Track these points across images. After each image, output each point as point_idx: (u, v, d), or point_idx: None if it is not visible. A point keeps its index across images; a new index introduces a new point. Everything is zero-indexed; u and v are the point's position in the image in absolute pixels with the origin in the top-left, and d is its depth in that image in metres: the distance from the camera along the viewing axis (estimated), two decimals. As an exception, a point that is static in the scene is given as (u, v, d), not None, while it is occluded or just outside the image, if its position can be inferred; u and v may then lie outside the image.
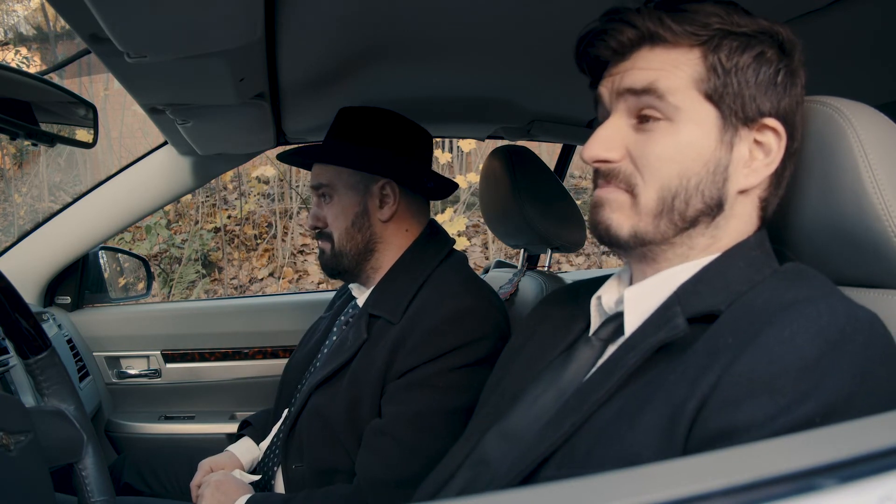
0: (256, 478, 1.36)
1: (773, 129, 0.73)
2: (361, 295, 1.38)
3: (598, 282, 0.88)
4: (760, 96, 0.72)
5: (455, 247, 1.40)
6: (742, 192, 0.74)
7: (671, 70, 0.71)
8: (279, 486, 1.31)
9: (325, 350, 1.40)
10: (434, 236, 1.38)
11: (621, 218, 0.75)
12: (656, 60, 0.72)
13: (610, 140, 0.74)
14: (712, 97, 0.71)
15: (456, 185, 1.42)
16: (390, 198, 1.33)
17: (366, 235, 1.33)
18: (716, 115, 0.72)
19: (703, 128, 0.72)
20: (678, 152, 0.72)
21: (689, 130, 0.72)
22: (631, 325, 0.76)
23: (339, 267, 1.35)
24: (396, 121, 1.35)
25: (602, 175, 0.76)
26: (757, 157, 0.73)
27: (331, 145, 1.35)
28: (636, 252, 0.77)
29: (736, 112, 0.72)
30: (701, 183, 0.72)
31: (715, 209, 0.73)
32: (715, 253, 0.76)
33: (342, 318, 1.42)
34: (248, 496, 1.22)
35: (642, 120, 0.74)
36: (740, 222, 0.76)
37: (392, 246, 1.35)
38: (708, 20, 0.71)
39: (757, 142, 0.73)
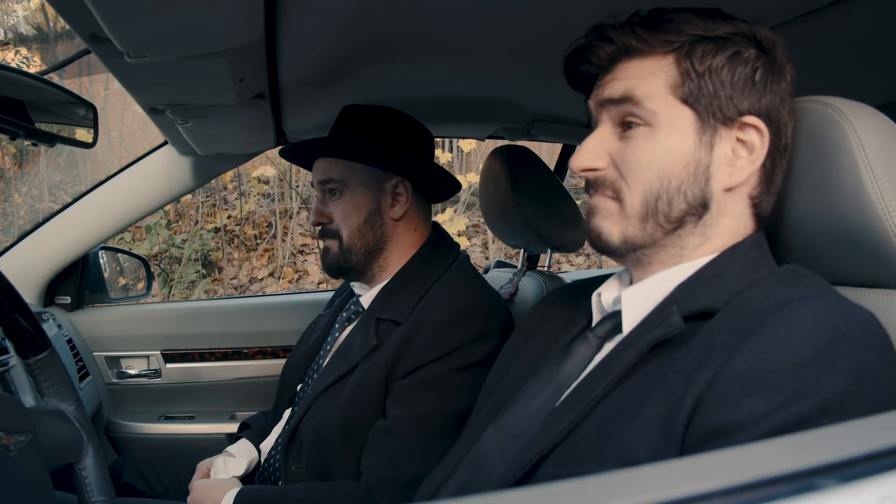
0: (241, 466, 1.36)
1: (755, 127, 0.74)
2: (366, 294, 1.36)
3: (600, 281, 0.89)
4: (738, 95, 0.73)
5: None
6: (728, 189, 0.75)
7: (647, 77, 0.74)
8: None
9: (328, 347, 1.39)
10: (442, 240, 1.38)
11: (611, 225, 0.78)
12: (633, 70, 0.75)
13: (595, 150, 0.78)
14: (688, 100, 0.73)
15: (460, 186, 1.42)
16: (403, 196, 1.32)
17: (377, 233, 1.32)
18: (693, 117, 0.74)
19: (680, 130, 0.74)
20: (657, 156, 0.74)
21: (667, 134, 0.74)
22: (628, 324, 0.77)
23: (348, 265, 1.32)
24: (405, 119, 1.34)
25: (591, 184, 0.80)
26: (741, 156, 0.74)
27: (343, 140, 1.33)
28: (630, 257, 0.79)
29: (713, 113, 0.73)
30: (683, 184, 0.74)
31: (700, 209, 0.75)
32: (710, 254, 0.76)
33: (343, 314, 1.41)
34: (237, 490, 1.21)
35: (625, 128, 0.76)
36: (732, 220, 0.77)
37: (401, 245, 1.34)
38: (680, 27, 0.74)
39: (740, 140, 0.74)
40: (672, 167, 0.74)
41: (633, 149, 0.75)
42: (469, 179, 5.23)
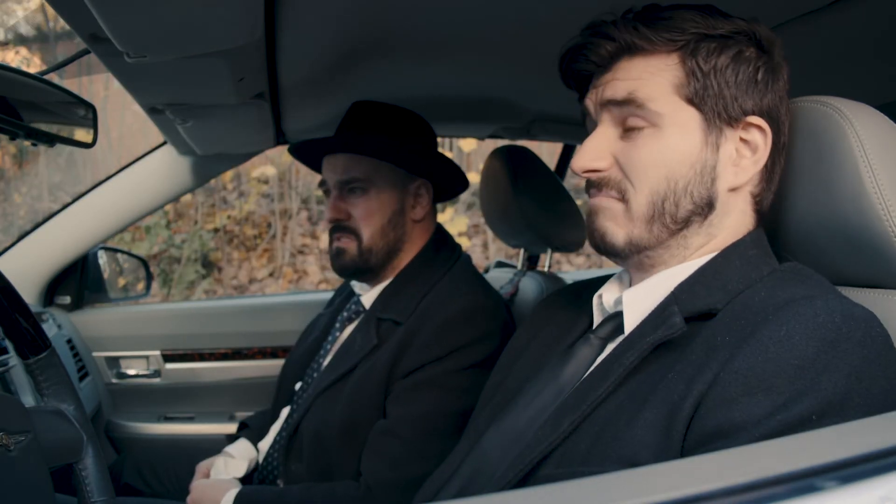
0: (241, 467, 1.36)
1: (758, 127, 0.74)
2: (367, 294, 1.36)
3: (601, 282, 0.89)
4: (742, 95, 0.73)
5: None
6: (733, 189, 0.75)
7: (650, 78, 0.73)
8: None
9: (328, 347, 1.39)
10: (444, 240, 1.38)
11: (615, 226, 0.77)
12: (635, 70, 0.74)
13: (597, 150, 0.76)
14: (693, 100, 0.73)
15: (468, 186, 1.41)
16: (424, 198, 1.32)
17: (398, 234, 1.30)
18: (699, 118, 0.73)
19: (686, 131, 0.73)
20: (664, 157, 0.73)
21: (672, 134, 0.73)
22: (630, 325, 0.77)
23: (366, 265, 1.30)
24: (421, 119, 1.34)
25: (594, 184, 0.78)
26: (744, 155, 0.74)
27: (373, 138, 1.29)
28: (633, 259, 0.78)
29: (719, 113, 0.73)
30: (689, 184, 0.73)
31: (706, 208, 0.75)
32: (711, 252, 0.76)
33: (344, 314, 1.41)
34: (236, 490, 1.21)
35: (628, 129, 0.75)
36: (735, 219, 0.77)
37: (414, 246, 1.34)
38: (683, 25, 0.72)
39: (743, 140, 0.74)
40: (679, 168, 0.73)
41: (639, 149, 0.74)
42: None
